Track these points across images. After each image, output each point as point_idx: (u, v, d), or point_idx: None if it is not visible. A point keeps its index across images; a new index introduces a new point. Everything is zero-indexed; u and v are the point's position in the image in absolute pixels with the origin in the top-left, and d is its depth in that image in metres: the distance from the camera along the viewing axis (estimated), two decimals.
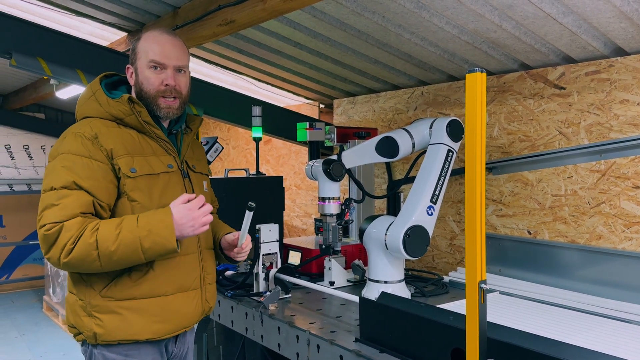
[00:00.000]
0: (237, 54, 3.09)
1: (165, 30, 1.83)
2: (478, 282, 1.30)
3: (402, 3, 2.07)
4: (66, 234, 1.56)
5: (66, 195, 1.60)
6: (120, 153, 1.69)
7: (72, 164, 1.63)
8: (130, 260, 1.62)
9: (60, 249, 1.57)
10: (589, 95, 2.25)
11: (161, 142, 1.80)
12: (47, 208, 1.60)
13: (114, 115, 1.74)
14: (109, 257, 1.58)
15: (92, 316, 1.68)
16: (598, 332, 1.80)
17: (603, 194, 2.22)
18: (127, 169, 1.68)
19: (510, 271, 2.50)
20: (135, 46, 1.79)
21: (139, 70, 1.78)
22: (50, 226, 1.57)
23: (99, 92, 1.76)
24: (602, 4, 1.88)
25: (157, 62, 1.76)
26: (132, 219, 1.63)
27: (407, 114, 3.10)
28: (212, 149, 3.01)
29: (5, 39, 2.46)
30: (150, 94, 1.77)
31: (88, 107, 1.77)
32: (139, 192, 1.70)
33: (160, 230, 1.61)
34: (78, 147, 1.66)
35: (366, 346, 1.78)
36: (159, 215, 1.64)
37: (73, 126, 1.75)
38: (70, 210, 1.59)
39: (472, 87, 1.30)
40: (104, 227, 1.60)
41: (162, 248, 1.62)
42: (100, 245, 1.56)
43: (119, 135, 1.72)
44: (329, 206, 2.33)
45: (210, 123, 5.38)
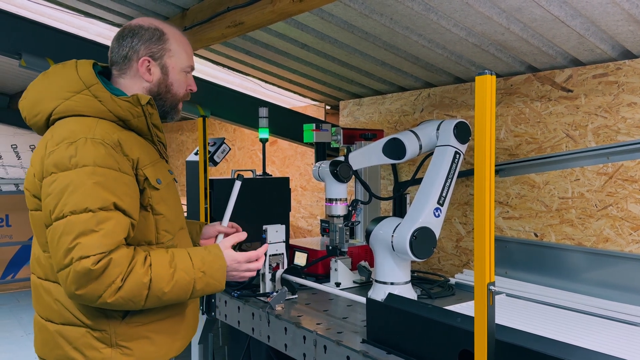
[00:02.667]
0: (244, 55, 3.10)
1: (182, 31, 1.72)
2: (487, 284, 1.30)
3: (410, 5, 2.08)
4: (115, 269, 1.34)
5: (106, 219, 1.36)
6: (145, 162, 1.51)
7: (105, 179, 1.39)
8: (177, 300, 1.48)
9: (105, 287, 1.34)
10: (597, 98, 2.25)
11: (159, 145, 1.65)
12: (83, 234, 1.33)
13: (119, 115, 1.50)
14: (157, 298, 1.42)
15: (117, 346, 1.49)
16: (605, 334, 1.80)
17: (610, 197, 2.22)
18: (154, 180, 1.52)
19: (517, 274, 2.50)
20: (162, 41, 1.60)
21: (170, 69, 1.62)
22: (97, 258, 1.32)
23: (99, 87, 1.49)
24: (610, 7, 1.88)
25: (192, 67, 1.69)
26: (184, 255, 1.48)
27: (413, 116, 3.10)
28: (220, 150, 3.03)
29: (15, 40, 2.48)
30: (178, 97, 1.67)
31: (80, 103, 1.47)
32: (164, 204, 1.56)
33: (214, 272, 1.51)
34: (105, 159, 1.40)
35: (373, 347, 1.78)
36: (212, 254, 1.54)
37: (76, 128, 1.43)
38: (115, 237, 1.36)
39: (481, 90, 1.31)
40: (157, 263, 1.42)
41: (212, 290, 1.53)
42: (153, 285, 1.40)
43: (135, 141, 1.53)
44: (335, 207, 2.34)
45: (216, 124, 5.40)
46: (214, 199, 2.74)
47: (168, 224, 1.57)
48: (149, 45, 1.59)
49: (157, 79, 1.62)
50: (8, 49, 2.50)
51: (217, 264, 1.53)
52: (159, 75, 1.62)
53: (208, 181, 2.72)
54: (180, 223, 1.69)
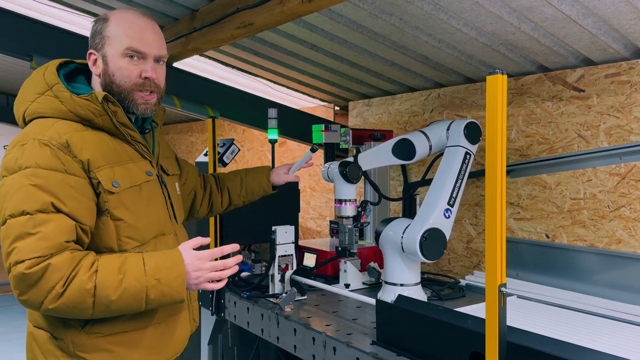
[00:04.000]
0: (253, 56, 3.11)
1: (141, 12, 1.55)
2: (498, 286, 1.29)
3: (420, 5, 2.07)
4: (54, 274, 1.27)
5: (44, 222, 1.29)
6: (98, 164, 1.41)
7: (45, 181, 1.32)
8: (128, 309, 1.38)
9: (45, 293, 1.28)
10: (609, 98, 2.23)
11: (137, 145, 1.54)
12: (19, 239, 1.28)
13: (80, 115, 1.43)
14: (106, 306, 1.33)
15: (75, 356, 1.42)
16: (617, 336, 1.78)
17: (623, 198, 2.19)
18: (109, 183, 1.42)
19: (528, 275, 2.47)
20: (102, 28, 1.49)
21: (109, 58, 1.48)
22: (32, 262, 1.26)
23: (59, 87, 1.43)
24: (623, 6, 1.86)
25: (136, 50, 1.48)
26: (137, 260, 1.38)
27: (423, 116, 3.09)
28: (229, 151, 3.03)
29: (26, 42, 2.50)
30: (125, 87, 1.49)
31: (43, 104, 1.43)
32: (123, 209, 1.44)
33: (171, 280, 1.38)
34: (49, 160, 1.34)
35: (383, 349, 1.77)
36: (169, 260, 1.40)
37: (31, 130, 1.40)
38: (53, 240, 1.29)
39: (492, 89, 1.30)
40: (103, 269, 1.33)
41: (170, 299, 1.40)
42: (98, 292, 1.31)
43: (92, 140, 1.43)
44: (345, 208, 2.33)
45: (225, 125, 5.41)
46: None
47: (132, 230, 1.46)
48: (94, 36, 1.52)
49: (101, 71, 1.50)
50: (19, 51, 2.51)
51: (174, 271, 1.39)
52: (102, 67, 1.50)
53: None
54: (159, 229, 1.56)
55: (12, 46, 2.50)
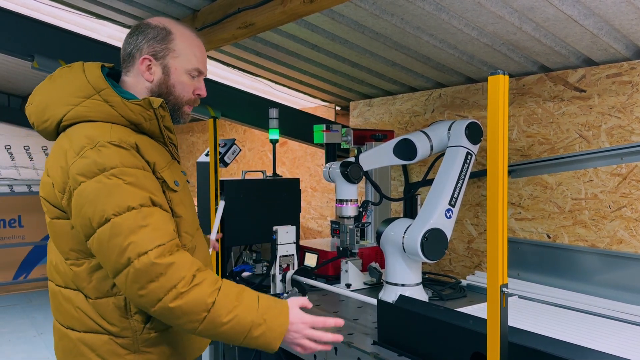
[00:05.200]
0: (254, 56, 3.11)
1: (196, 32, 1.63)
2: (500, 286, 1.29)
3: (421, 5, 2.07)
4: (177, 272, 1.30)
5: (150, 214, 1.34)
6: (161, 165, 1.48)
7: (136, 178, 1.36)
8: (226, 338, 1.39)
9: (168, 289, 1.30)
10: (610, 98, 2.23)
11: (171, 147, 1.61)
12: (133, 233, 1.30)
13: (131, 120, 1.46)
14: (213, 326, 1.34)
15: (140, 352, 1.47)
16: (619, 337, 1.78)
17: (624, 198, 2.19)
18: (172, 182, 1.49)
19: (529, 275, 2.47)
20: (167, 39, 1.54)
21: (172, 70, 1.55)
22: (159, 252, 1.30)
23: (109, 92, 1.45)
24: (624, 6, 1.86)
25: (200, 71, 1.60)
26: (253, 295, 1.42)
27: (424, 116, 3.09)
28: (230, 151, 3.03)
29: (28, 42, 2.50)
30: (181, 99, 1.58)
31: (90, 108, 1.44)
32: (182, 206, 1.52)
33: (276, 326, 1.39)
34: (130, 159, 1.38)
35: (384, 349, 1.77)
36: (278, 308, 1.42)
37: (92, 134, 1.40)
38: (164, 228, 1.35)
39: (494, 90, 1.29)
40: (224, 290, 1.37)
41: (264, 344, 1.40)
42: (214, 310, 1.33)
43: (148, 144, 1.49)
44: (346, 208, 2.33)
45: (226, 125, 5.41)
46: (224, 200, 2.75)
47: (187, 225, 1.54)
48: (153, 43, 1.53)
49: (157, 79, 1.55)
50: (21, 51, 2.51)
51: (280, 319, 1.41)
52: (160, 76, 1.54)
53: (219, 182, 2.73)
54: (197, 223, 1.66)
55: (13, 46, 2.51)
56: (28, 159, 7.11)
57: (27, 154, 7.10)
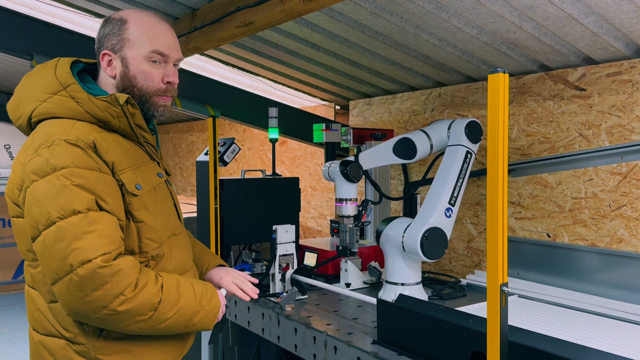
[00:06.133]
0: (254, 55, 3.10)
1: (158, 15, 1.52)
2: (500, 285, 1.28)
3: (421, 4, 2.06)
4: (125, 279, 1.28)
5: (97, 219, 1.28)
6: (122, 166, 1.40)
7: (86, 180, 1.30)
8: (169, 330, 1.40)
9: (114, 295, 1.27)
10: (610, 97, 2.22)
11: (148, 146, 1.53)
12: (77, 239, 1.25)
13: (97, 117, 1.39)
14: (159, 322, 1.35)
15: None
16: (619, 336, 1.77)
17: (624, 197, 2.19)
18: (132, 185, 1.40)
19: (529, 274, 2.47)
20: (121, 30, 1.45)
21: (130, 61, 1.45)
22: (104, 260, 1.25)
23: (75, 87, 1.39)
24: (625, 5, 1.86)
25: (161, 53, 1.47)
26: (188, 283, 1.44)
27: (423, 116, 3.08)
28: (229, 150, 3.03)
29: (27, 41, 2.50)
30: (147, 91, 1.47)
31: (57, 105, 1.39)
32: (145, 211, 1.43)
33: (210, 309, 1.45)
34: (83, 159, 1.32)
35: (384, 348, 1.77)
36: (209, 290, 1.48)
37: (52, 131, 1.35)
38: (111, 235, 1.29)
39: (494, 88, 1.29)
40: (166, 285, 1.37)
41: (204, 327, 1.45)
42: (160, 307, 1.34)
43: (113, 143, 1.41)
44: (346, 207, 2.33)
45: (225, 124, 5.41)
46: (223, 199, 2.75)
47: (152, 232, 1.45)
48: (110, 37, 1.46)
49: (119, 73, 1.47)
50: (20, 50, 2.51)
51: (213, 302, 1.48)
52: (120, 69, 1.46)
53: (218, 181, 2.73)
54: (171, 229, 1.55)
55: (12, 45, 2.50)
56: None
57: None
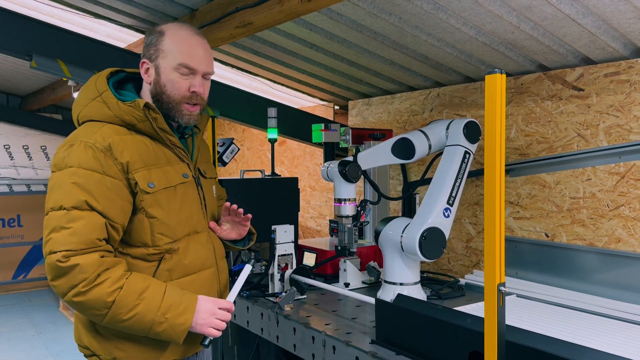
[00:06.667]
0: (253, 55, 3.11)
1: (194, 30, 1.67)
2: (497, 285, 1.29)
3: (419, 4, 2.07)
4: (80, 275, 1.41)
5: (77, 218, 1.43)
6: (136, 166, 1.54)
7: (84, 180, 1.46)
8: (132, 331, 1.51)
9: (69, 288, 1.42)
10: (608, 97, 2.23)
11: (175, 149, 1.66)
12: (55, 231, 1.43)
13: (125, 120, 1.57)
14: (115, 321, 1.46)
15: (111, 339, 1.56)
16: (617, 335, 1.78)
17: (622, 197, 2.19)
18: (145, 183, 1.54)
19: (528, 274, 2.48)
20: (158, 41, 1.62)
21: (162, 70, 1.61)
22: (63, 255, 1.40)
23: (107, 94, 1.58)
24: (622, 5, 1.86)
25: (187, 66, 1.61)
26: (159, 292, 1.50)
27: (422, 116, 3.09)
28: (228, 150, 3.03)
29: (26, 41, 2.50)
30: (174, 98, 1.62)
31: (93, 109, 1.59)
32: (158, 207, 1.57)
33: (177, 324, 1.50)
34: (89, 161, 1.48)
35: (382, 348, 1.77)
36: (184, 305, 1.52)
37: (81, 132, 1.55)
38: (84, 235, 1.43)
39: (491, 89, 1.30)
40: (127, 288, 1.46)
41: (168, 339, 1.52)
42: (114, 308, 1.44)
43: (133, 144, 1.56)
44: (344, 207, 2.33)
45: (225, 124, 5.41)
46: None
47: (164, 227, 1.58)
48: (148, 47, 1.64)
49: (153, 80, 1.64)
50: (19, 50, 2.51)
51: (183, 317, 1.51)
52: (154, 76, 1.63)
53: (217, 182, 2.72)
54: (192, 227, 1.66)
55: (11, 45, 2.50)
56: (27, 159, 7.09)
57: (26, 154, 7.09)
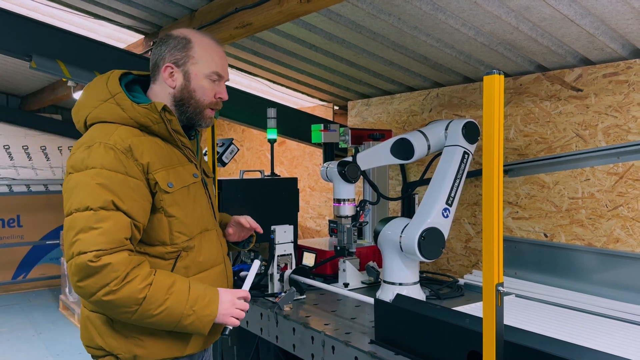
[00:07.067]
0: (252, 56, 3.11)
1: (217, 40, 1.75)
2: (495, 285, 1.29)
3: (418, 5, 2.07)
4: (111, 273, 1.42)
5: (105, 218, 1.45)
6: (156, 167, 1.57)
7: (109, 181, 1.48)
8: (159, 326, 1.53)
9: (99, 287, 1.42)
10: (607, 97, 2.23)
11: (185, 149, 1.71)
12: (82, 231, 1.43)
13: (139, 122, 1.59)
14: (144, 317, 1.48)
15: (131, 337, 1.57)
16: (615, 335, 1.78)
17: (621, 197, 2.20)
18: (165, 183, 1.58)
19: (527, 274, 2.48)
20: (187, 48, 1.66)
21: (192, 75, 1.66)
22: (94, 255, 1.40)
23: (121, 96, 1.60)
24: (620, 6, 1.87)
25: (220, 75, 1.70)
26: (184, 286, 1.53)
27: (421, 116, 3.09)
28: (228, 151, 3.03)
29: (26, 42, 2.50)
30: (202, 103, 1.69)
31: (105, 111, 1.59)
32: (176, 207, 1.61)
33: (204, 315, 1.54)
34: (112, 162, 1.50)
35: (381, 348, 1.78)
36: (208, 297, 1.56)
37: (96, 134, 1.56)
38: (113, 235, 1.44)
39: (489, 89, 1.30)
40: (156, 284, 1.48)
41: (196, 331, 1.56)
42: (145, 304, 1.46)
43: (150, 145, 1.59)
44: (343, 208, 2.34)
45: (224, 124, 5.41)
46: (222, 199, 2.75)
47: (182, 226, 1.62)
48: (174, 52, 1.66)
49: (179, 85, 1.67)
50: (19, 51, 2.52)
51: (209, 308, 1.55)
52: (182, 82, 1.67)
53: (217, 182, 2.73)
54: (204, 225, 1.71)
55: (11, 46, 2.50)
56: (27, 159, 7.10)
57: (26, 154, 7.09)
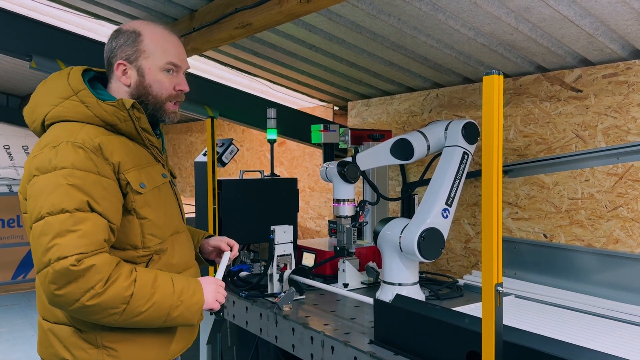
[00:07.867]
0: (252, 56, 3.11)
1: (169, 28, 1.65)
2: (494, 285, 1.29)
3: (418, 5, 2.07)
4: (96, 275, 1.34)
5: (83, 220, 1.36)
6: (127, 166, 1.49)
7: (82, 181, 1.38)
8: (148, 324, 1.46)
9: (84, 291, 1.33)
10: (606, 98, 2.23)
11: (153, 149, 1.62)
12: (59, 235, 1.33)
13: (106, 120, 1.50)
14: (132, 315, 1.41)
15: (103, 347, 1.48)
16: (615, 336, 1.78)
17: (620, 198, 2.20)
18: (137, 184, 1.50)
19: (526, 275, 2.48)
20: (138, 42, 1.57)
21: (146, 70, 1.57)
22: (76, 259, 1.31)
23: (85, 92, 1.50)
24: (620, 6, 1.87)
25: (175, 64, 1.60)
26: (167, 279, 1.48)
27: (421, 116, 3.09)
28: (228, 151, 3.03)
29: (26, 42, 2.51)
30: (161, 98, 1.60)
31: (68, 109, 1.49)
32: (148, 208, 1.53)
33: (192, 304, 1.50)
34: (83, 161, 1.40)
35: (381, 348, 1.78)
36: (192, 286, 1.52)
37: (60, 133, 1.45)
38: (94, 237, 1.36)
39: (489, 90, 1.30)
40: (140, 279, 1.42)
41: (185, 322, 1.52)
42: (133, 301, 1.39)
43: (119, 144, 1.50)
44: (343, 208, 2.34)
45: (224, 125, 5.42)
46: (222, 199, 2.76)
47: (154, 228, 1.54)
48: (124, 48, 1.58)
49: (134, 82, 1.58)
50: (19, 51, 2.52)
51: (195, 297, 1.51)
52: (136, 78, 1.58)
53: (216, 182, 2.73)
54: (175, 227, 1.65)
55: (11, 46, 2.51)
56: None
57: (26, 154, 7.10)
